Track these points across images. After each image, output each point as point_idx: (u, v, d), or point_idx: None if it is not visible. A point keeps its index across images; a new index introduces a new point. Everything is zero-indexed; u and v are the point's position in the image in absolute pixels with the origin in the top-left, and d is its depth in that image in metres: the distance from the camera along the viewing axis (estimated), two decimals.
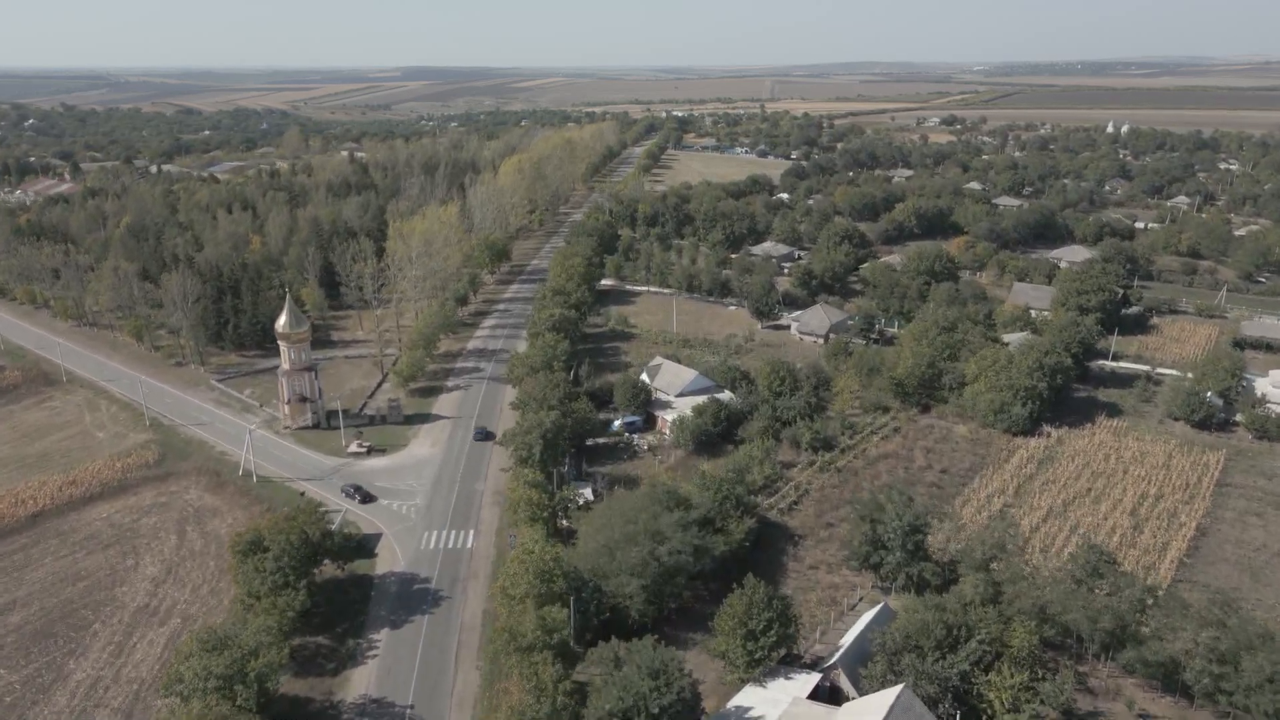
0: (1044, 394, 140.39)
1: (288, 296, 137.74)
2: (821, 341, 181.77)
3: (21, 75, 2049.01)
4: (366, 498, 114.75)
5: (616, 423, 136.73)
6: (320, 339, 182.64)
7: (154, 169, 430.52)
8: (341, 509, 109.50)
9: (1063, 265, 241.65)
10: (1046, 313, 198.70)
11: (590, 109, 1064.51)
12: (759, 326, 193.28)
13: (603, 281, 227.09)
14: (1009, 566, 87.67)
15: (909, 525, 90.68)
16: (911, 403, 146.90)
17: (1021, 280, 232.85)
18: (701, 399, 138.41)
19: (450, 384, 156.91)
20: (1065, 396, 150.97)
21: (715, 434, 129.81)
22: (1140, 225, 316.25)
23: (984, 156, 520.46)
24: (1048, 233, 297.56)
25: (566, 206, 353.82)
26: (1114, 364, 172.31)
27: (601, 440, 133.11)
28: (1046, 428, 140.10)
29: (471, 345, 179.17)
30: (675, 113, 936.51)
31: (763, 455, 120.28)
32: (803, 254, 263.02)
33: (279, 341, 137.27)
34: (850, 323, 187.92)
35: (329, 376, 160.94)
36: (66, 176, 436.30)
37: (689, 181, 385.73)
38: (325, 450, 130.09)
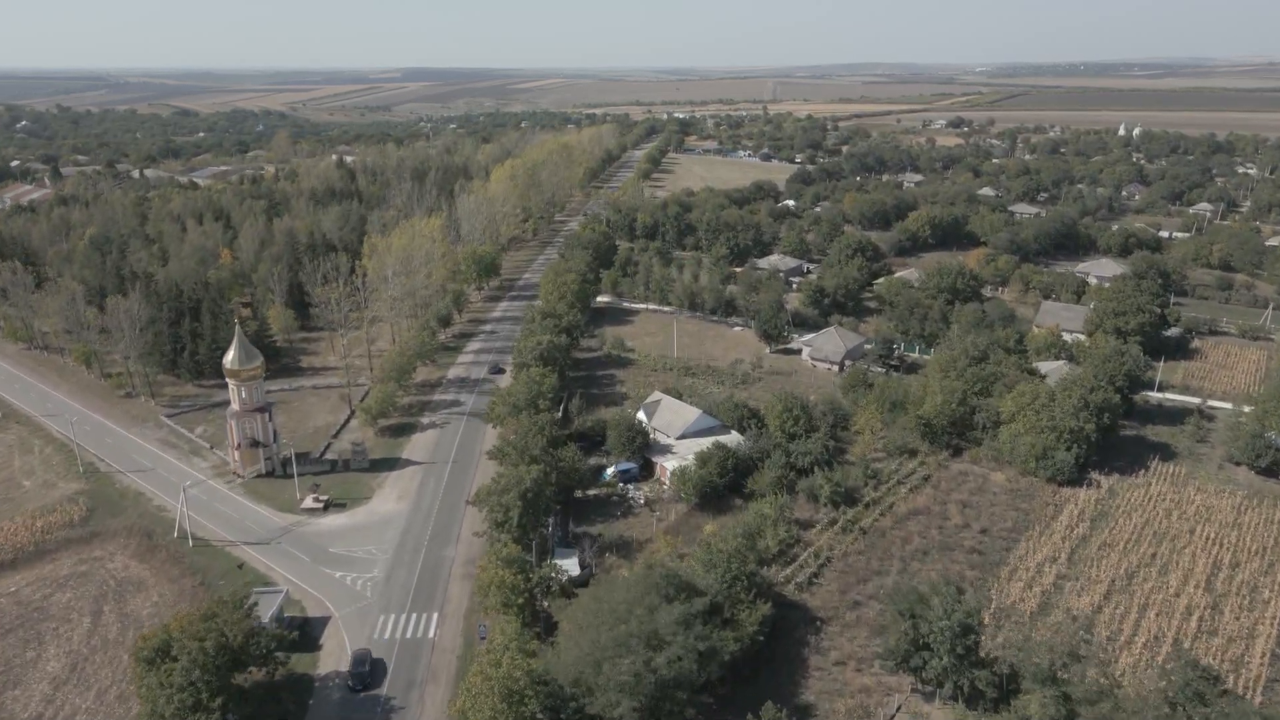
0: (1091, 437, 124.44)
1: (237, 328, 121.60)
2: (836, 369, 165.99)
3: (21, 76, 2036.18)
4: (365, 682, 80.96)
5: (609, 471, 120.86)
6: (288, 366, 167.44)
7: (135, 174, 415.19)
8: (283, 589, 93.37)
9: (1091, 281, 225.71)
10: (1080, 335, 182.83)
11: (591, 110, 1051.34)
12: (767, 350, 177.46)
13: (599, 299, 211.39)
14: (1085, 682, 71.73)
15: (959, 625, 74.76)
16: (941, 444, 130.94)
17: (1048, 297, 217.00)
18: (705, 442, 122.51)
19: (425, 420, 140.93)
20: (1112, 436, 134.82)
21: (721, 486, 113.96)
22: (1164, 234, 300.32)
23: (994, 160, 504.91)
24: (1068, 243, 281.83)
25: (563, 214, 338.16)
26: (1160, 395, 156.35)
27: (593, 492, 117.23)
28: (1095, 475, 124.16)
29: (452, 373, 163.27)
30: (677, 114, 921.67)
31: (776, 514, 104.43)
32: (812, 267, 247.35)
33: (228, 379, 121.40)
34: (867, 347, 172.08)
35: (292, 411, 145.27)
36: (46, 182, 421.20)
37: (690, 187, 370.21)
38: (277, 504, 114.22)
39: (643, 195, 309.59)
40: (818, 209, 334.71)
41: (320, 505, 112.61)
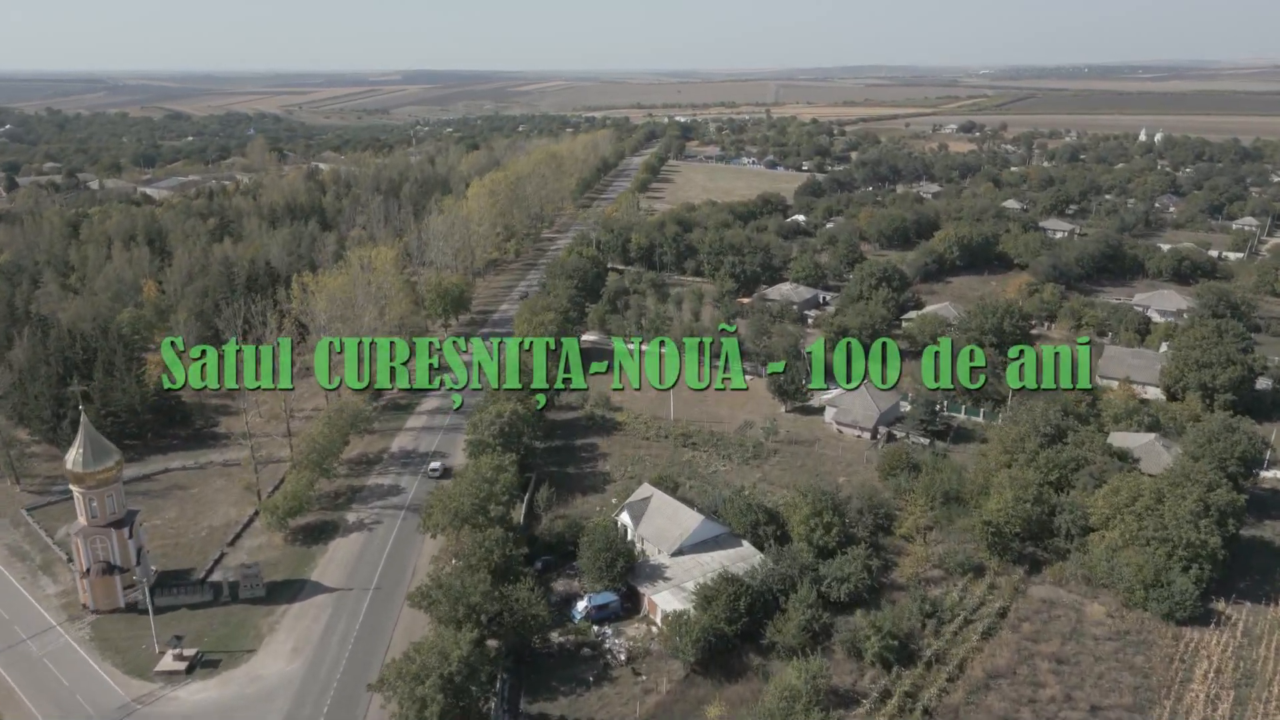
0: (1218, 554, 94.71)
1: (82, 417, 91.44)
2: (868, 437, 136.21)
3: (20, 79, 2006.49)
4: None
5: (580, 606, 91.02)
6: (199, 433, 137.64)
7: (95, 184, 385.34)
8: None
9: (1154, 317, 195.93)
10: (1154, 388, 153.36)
11: (591, 113, 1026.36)
12: (782, 409, 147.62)
13: (584, 337, 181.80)
14: None
15: None
16: (1013, 556, 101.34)
17: (1103, 335, 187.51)
18: (708, 559, 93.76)
19: (351, 517, 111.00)
20: (1233, 545, 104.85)
21: (732, 635, 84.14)
22: (1213, 253, 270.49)
23: (1013, 169, 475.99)
24: (1111, 265, 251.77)
25: (552, 230, 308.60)
26: (1274, 475, 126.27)
27: (558, 638, 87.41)
28: (1222, 606, 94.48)
29: (398, 444, 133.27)
30: (678, 118, 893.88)
31: (809, 692, 74.54)
32: (828, 297, 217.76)
33: (71, 487, 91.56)
34: (905, 408, 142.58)
35: (188, 501, 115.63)
36: (2, 193, 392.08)
37: (691, 201, 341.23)
38: (128, 662, 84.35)
39: (638, 211, 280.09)
40: (830, 225, 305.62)
41: (183, 666, 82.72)
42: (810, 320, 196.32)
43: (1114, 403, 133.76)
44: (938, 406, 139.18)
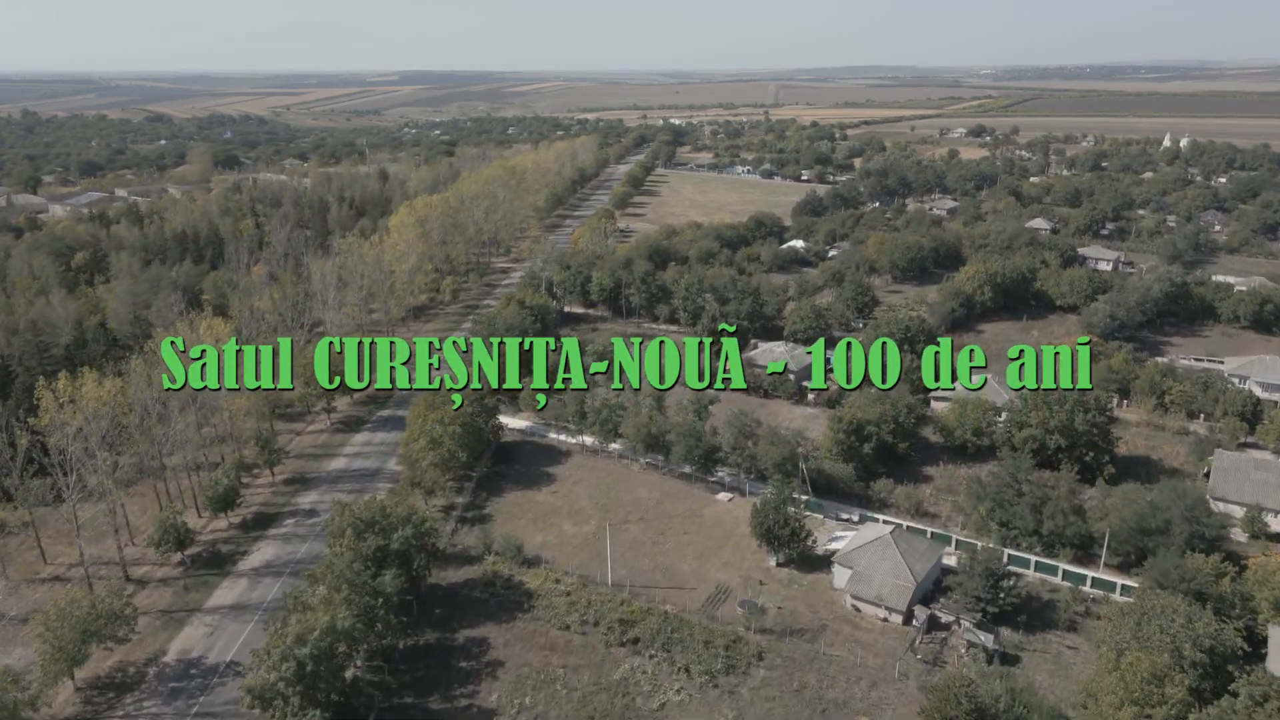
0: None
1: None
2: (898, 620, 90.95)
3: (21, 79, 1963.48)
4: None
5: None
6: None
7: (4, 201, 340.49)
8: None
9: (1257, 392, 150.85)
10: None
11: (585, 115, 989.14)
12: (771, 563, 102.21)
13: (510, 424, 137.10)
14: None
15: None
16: None
17: (1194, 417, 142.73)
18: None
19: None
20: None
21: None
22: None
23: (1033, 179, 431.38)
24: (1175, 308, 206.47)
25: (508, 260, 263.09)
26: None
27: None
28: None
29: (182, 642, 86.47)
30: (673, 120, 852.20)
31: None
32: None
33: None
34: (949, 556, 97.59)
35: None
36: None
37: (674, 220, 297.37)
38: None
39: (605, 240, 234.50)
40: (834, 253, 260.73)
41: None
42: (811, 399, 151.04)
43: (1270, 577, 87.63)
44: (1001, 576, 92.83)
